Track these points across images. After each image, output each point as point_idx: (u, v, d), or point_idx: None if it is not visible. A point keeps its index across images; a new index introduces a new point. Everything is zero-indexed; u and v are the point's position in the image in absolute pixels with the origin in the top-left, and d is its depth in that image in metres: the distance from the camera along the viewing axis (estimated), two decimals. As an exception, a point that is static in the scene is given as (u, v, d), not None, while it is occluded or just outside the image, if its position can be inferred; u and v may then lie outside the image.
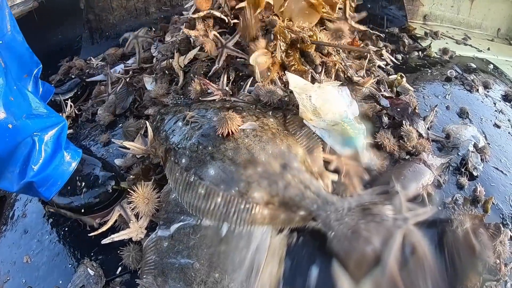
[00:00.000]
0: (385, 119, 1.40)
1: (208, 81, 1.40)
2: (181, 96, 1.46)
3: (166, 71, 1.57)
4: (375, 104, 1.46)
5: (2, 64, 1.10)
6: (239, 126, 1.18)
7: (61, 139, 1.23)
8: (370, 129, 1.35)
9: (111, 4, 2.20)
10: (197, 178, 1.12)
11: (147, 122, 1.36)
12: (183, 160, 1.17)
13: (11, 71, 1.18)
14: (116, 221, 1.24)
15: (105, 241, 1.18)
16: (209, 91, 1.39)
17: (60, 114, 1.55)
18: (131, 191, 1.19)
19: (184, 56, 1.51)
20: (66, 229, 1.31)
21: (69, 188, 1.24)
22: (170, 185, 1.18)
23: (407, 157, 1.31)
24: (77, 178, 1.25)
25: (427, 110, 1.60)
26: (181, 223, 1.10)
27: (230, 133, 1.16)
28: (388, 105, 1.46)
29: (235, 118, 1.17)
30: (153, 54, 1.79)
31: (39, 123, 1.18)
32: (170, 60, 1.54)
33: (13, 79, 1.16)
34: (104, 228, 1.21)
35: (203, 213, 1.09)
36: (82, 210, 1.25)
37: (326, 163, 1.23)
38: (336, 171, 1.21)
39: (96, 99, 1.77)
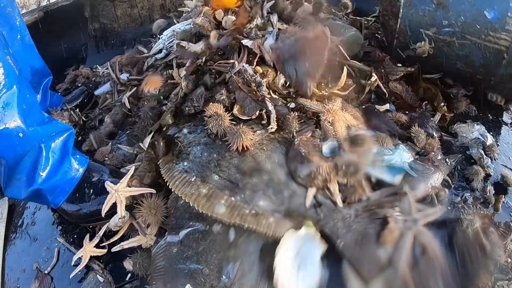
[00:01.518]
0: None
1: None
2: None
3: (168, 80, 1.57)
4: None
5: (16, 71, 1.11)
6: (252, 139, 1.16)
7: (68, 146, 1.24)
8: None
9: (115, 12, 2.22)
10: (199, 179, 1.12)
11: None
12: (185, 163, 1.17)
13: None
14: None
15: (115, 249, 1.18)
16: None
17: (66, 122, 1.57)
18: (137, 206, 1.19)
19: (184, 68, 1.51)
20: (75, 236, 1.32)
21: (77, 195, 1.25)
22: (166, 181, 1.15)
23: (416, 157, 1.30)
24: (85, 185, 1.26)
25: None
26: (190, 229, 1.10)
27: (245, 148, 1.15)
28: (394, 109, 1.46)
29: (247, 132, 1.15)
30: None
31: (47, 130, 1.19)
32: (170, 71, 1.55)
33: (27, 87, 1.17)
34: (116, 237, 1.22)
35: (202, 208, 1.06)
36: (91, 217, 1.26)
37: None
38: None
39: (103, 107, 1.79)
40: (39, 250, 1.32)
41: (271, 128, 1.20)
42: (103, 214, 1.17)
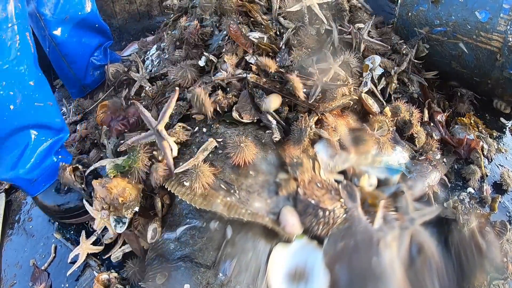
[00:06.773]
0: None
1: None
2: None
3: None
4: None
5: (32, 49, 1.16)
6: (255, 153, 1.13)
7: (56, 146, 1.26)
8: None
9: (114, 8, 2.20)
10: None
11: None
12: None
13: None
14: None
15: (115, 254, 1.20)
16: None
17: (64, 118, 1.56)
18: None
19: None
20: (72, 232, 1.32)
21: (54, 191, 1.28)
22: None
23: (415, 155, 1.30)
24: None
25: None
26: (187, 226, 1.10)
27: (247, 163, 1.12)
28: None
29: (251, 146, 1.12)
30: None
31: (43, 120, 1.21)
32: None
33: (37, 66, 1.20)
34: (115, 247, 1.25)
35: (200, 205, 1.06)
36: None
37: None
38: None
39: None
40: (35, 246, 1.32)
41: (275, 138, 1.18)
42: (96, 227, 1.18)
